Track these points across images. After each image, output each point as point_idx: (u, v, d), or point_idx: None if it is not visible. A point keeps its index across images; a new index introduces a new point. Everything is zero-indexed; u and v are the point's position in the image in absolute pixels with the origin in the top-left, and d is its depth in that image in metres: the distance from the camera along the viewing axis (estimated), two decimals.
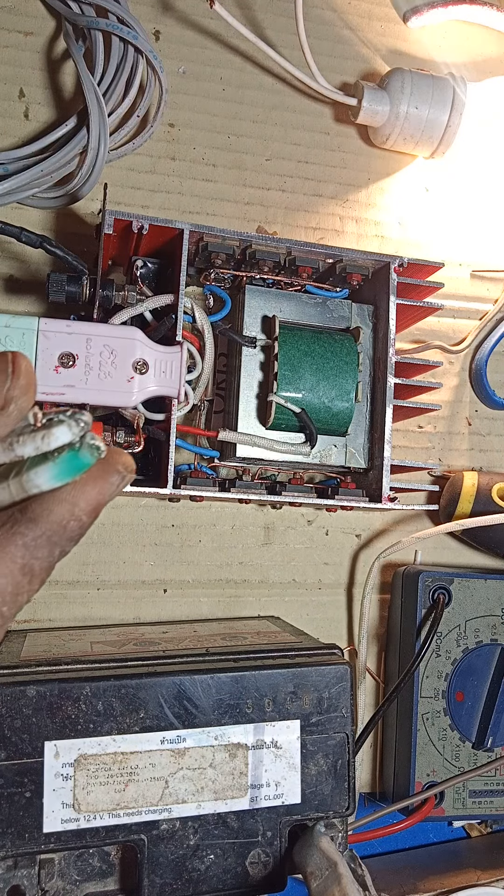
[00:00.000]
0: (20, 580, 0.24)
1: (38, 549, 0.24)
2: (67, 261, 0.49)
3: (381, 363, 0.54)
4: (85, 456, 0.24)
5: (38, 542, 0.24)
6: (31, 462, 0.24)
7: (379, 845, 0.60)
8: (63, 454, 0.24)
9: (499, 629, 0.57)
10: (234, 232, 0.51)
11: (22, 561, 0.24)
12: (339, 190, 0.63)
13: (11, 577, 0.24)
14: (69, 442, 0.24)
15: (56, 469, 0.24)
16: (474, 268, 0.65)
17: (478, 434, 0.64)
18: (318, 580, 0.60)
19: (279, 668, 0.42)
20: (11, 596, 0.24)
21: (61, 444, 0.24)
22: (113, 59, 0.55)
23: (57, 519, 0.24)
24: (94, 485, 0.24)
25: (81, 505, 0.24)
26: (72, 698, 0.39)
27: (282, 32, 0.62)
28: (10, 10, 0.57)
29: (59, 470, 0.24)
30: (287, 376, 0.51)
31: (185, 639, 0.48)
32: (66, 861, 0.38)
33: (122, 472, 0.25)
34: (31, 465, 0.24)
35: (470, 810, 0.57)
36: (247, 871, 0.41)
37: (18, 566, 0.24)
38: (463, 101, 0.59)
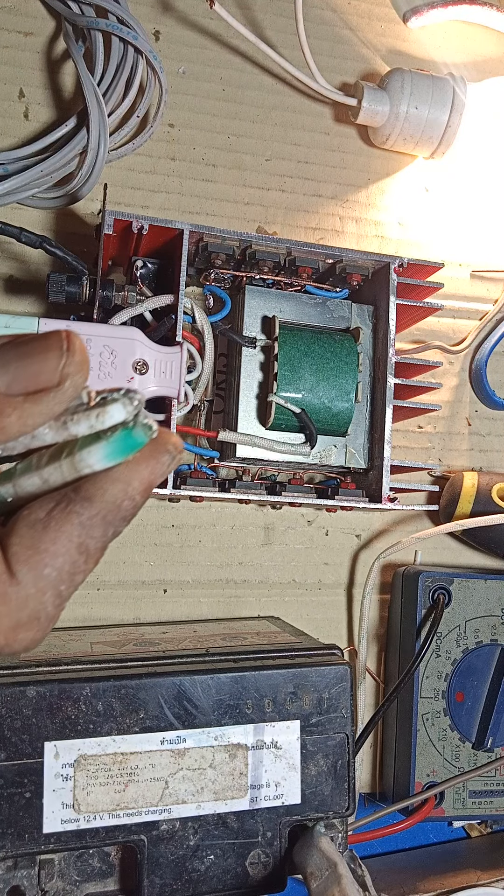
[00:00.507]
0: (77, 559, 0.24)
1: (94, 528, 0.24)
2: (67, 261, 0.49)
3: (381, 363, 0.54)
4: (139, 435, 0.24)
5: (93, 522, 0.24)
6: (82, 442, 0.24)
7: (379, 845, 0.60)
8: (116, 433, 0.24)
9: (499, 629, 0.57)
10: (234, 232, 0.51)
11: (78, 540, 0.24)
12: (339, 190, 0.63)
13: (69, 555, 0.24)
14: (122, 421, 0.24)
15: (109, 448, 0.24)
16: (474, 268, 0.65)
17: (478, 434, 0.64)
18: (318, 580, 0.60)
19: (279, 668, 0.42)
20: (69, 575, 0.24)
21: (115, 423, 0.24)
22: (113, 59, 0.55)
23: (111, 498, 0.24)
24: (146, 464, 0.24)
25: (135, 484, 0.24)
26: (72, 699, 0.39)
27: (282, 32, 0.62)
28: (10, 10, 0.57)
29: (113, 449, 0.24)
30: (287, 376, 0.51)
31: (185, 639, 0.48)
32: (66, 861, 0.38)
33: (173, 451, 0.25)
34: (82, 445, 0.24)
35: (470, 810, 0.57)
36: (247, 872, 0.41)
37: (75, 545, 0.24)
38: (463, 101, 0.59)
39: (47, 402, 0.23)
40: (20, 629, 0.24)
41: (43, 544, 0.24)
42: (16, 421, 0.23)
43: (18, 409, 0.23)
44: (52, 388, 0.23)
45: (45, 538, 0.24)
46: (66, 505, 0.24)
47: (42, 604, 0.24)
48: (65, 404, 0.24)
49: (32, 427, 0.24)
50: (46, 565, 0.24)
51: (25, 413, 0.23)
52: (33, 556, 0.24)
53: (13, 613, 0.24)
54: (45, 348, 0.23)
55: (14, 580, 0.24)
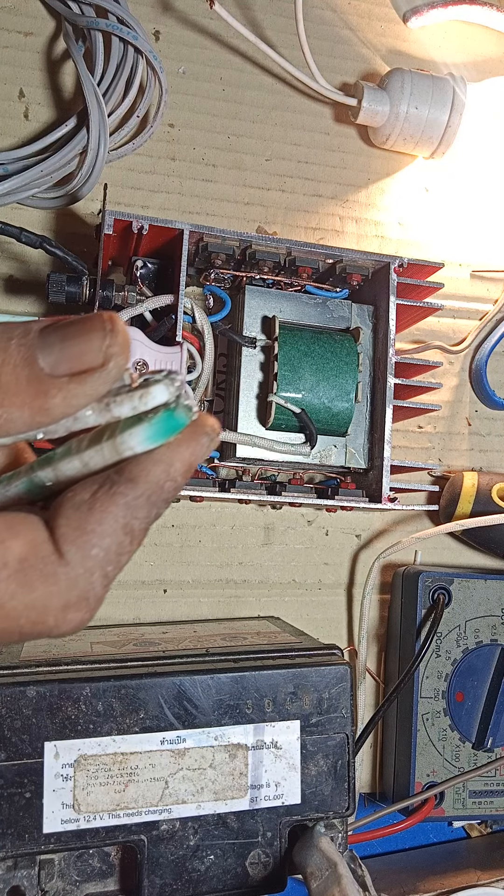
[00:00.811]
0: (122, 539, 0.24)
1: (138, 509, 0.24)
2: (67, 261, 0.49)
3: (381, 363, 0.54)
4: (181, 416, 0.24)
5: (137, 503, 0.24)
6: (124, 424, 0.24)
7: (379, 845, 0.60)
8: (159, 415, 0.24)
9: (499, 629, 0.57)
10: (234, 232, 0.51)
11: (124, 521, 0.24)
12: (339, 190, 0.63)
13: (115, 536, 0.24)
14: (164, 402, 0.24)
15: (152, 430, 0.24)
16: (474, 268, 0.65)
17: (478, 434, 0.64)
18: (318, 580, 0.60)
19: (279, 668, 0.42)
20: (115, 556, 0.24)
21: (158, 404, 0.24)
22: (113, 59, 0.55)
23: (154, 479, 0.24)
24: (186, 445, 0.24)
25: (176, 465, 0.24)
26: (72, 699, 0.39)
27: (282, 32, 0.62)
28: (10, 10, 0.57)
29: (155, 431, 0.24)
30: (287, 377, 0.51)
31: (185, 639, 0.48)
32: (66, 861, 0.38)
33: (211, 433, 0.25)
34: (124, 428, 0.24)
35: (470, 810, 0.57)
36: (247, 872, 0.41)
37: (121, 525, 0.24)
38: (463, 101, 0.59)
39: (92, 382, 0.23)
40: (70, 609, 0.24)
41: (90, 525, 0.24)
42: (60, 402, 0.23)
43: (63, 389, 0.23)
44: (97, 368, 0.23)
45: (92, 519, 0.24)
46: (110, 486, 0.24)
47: (91, 584, 0.24)
48: (108, 385, 0.24)
49: (76, 408, 0.24)
50: (94, 546, 0.24)
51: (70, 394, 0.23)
52: (81, 537, 0.24)
53: (63, 594, 0.24)
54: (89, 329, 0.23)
55: (63, 560, 0.24)
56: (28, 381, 0.23)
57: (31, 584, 0.23)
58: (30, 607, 0.24)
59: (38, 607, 0.24)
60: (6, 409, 0.23)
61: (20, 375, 0.23)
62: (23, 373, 0.23)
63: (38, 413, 0.23)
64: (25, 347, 0.23)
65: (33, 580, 0.23)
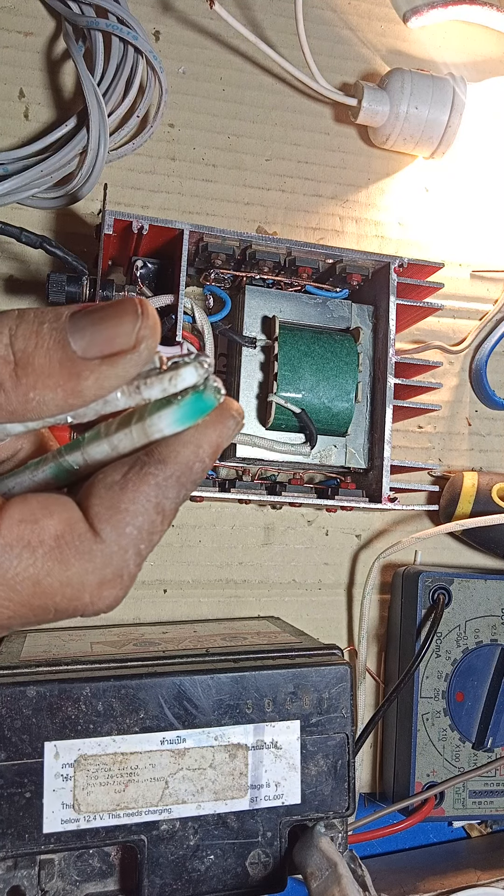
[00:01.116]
0: (154, 518, 0.25)
1: (169, 489, 0.25)
2: (67, 261, 0.49)
3: (381, 363, 0.54)
4: (209, 398, 0.24)
5: (168, 483, 0.25)
6: (152, 407, 0.24)
7: (379, 845, 0.60)
8: (187, 397, 0.24)
9: (499, 629, 0.57)
10: (234, 232, 0.51)
11: (155, 500, 0.25)
12: (339, 190, 0.63)
13: (147, 515, 0.25)
14: (193, 384, 0.24)
15: (181, 412, 0.24)
16: (474, 268, 0.65)
17: (478, 434, 0.64)
18: (318, 580, 0.60)
19: (279, 668, 0.42)
20: (148, 534, 0.25)
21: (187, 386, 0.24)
22: (113, 59, 0.55)
23: (184, 460, 0.25)
24: (214, 428, 0.25)
25: (204, 447, 0.25)
26: (72, 699, 0.39)
27: (282, 32, 0.62)
28: (10, 10, 0.57)
29: (185, 413, 0.24)
30: (287, 377, 0.51)
31: (185, 639, 0.48)
32: (66, 861, 0.38)
33: (237, 416, 0.26)
34: (153, 410, 0.24)
35: (470, 810, 0.57)
36: (247, 872, 0.41)
37: (153, 505, 0.25)
38: (463, 101, 0.59)
39: (124, 364, 0.24)
40: (105, 586, 0.25)
41: (123, 504, 0.24)
42: (92, 384, 0.24)
43: (95, 371, 0.24)
44: (128, 350, 0.24)
45: (125, 498, 0.24)
46: (140, 467, 0.24)
47: (125, 561, 0.25)
48: (139, 367, 0.24)
49: (108, 390, 0.24)
50: (128, 524, 0.24)
51: (102, 376, 0.24)
52: (115, 516, 0.24)
53: (99, 570, 0.24)
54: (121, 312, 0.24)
55: (98, 538, 0.24)
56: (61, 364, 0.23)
57: (67, 561, 0.24)
58: (66, 584, 0.24)
59: (75, 584, 0.24)
60: (39, 392, 0.23)
61: (53, 358, 0.23)
62: (55, 356, 0.23)
63: (70, 395, 0.24)
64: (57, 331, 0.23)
65: (69, 557, 0.24)
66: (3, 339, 0.23)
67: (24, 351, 0.23)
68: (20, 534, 0.24)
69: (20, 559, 0.23)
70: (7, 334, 0.23)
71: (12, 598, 0.24)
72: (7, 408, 0.24)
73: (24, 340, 0.23)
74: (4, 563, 0.23)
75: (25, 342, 0.23)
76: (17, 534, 0.24)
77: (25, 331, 0.23)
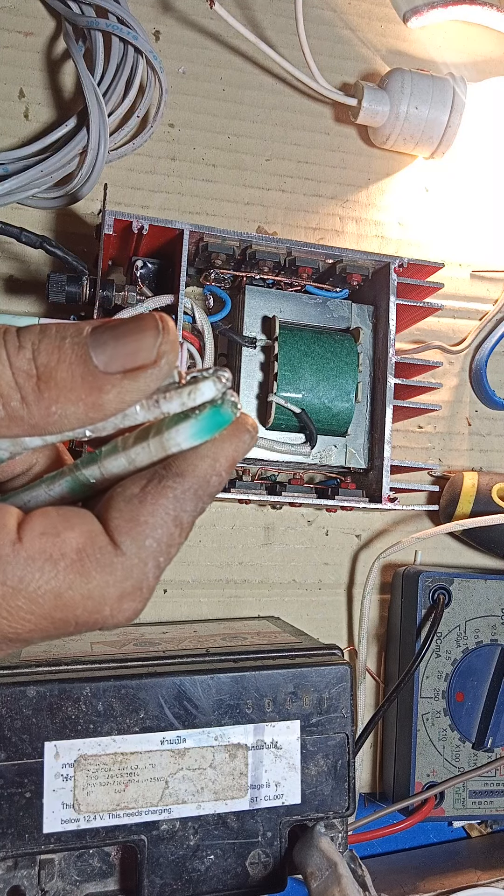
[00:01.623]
0: (173, 531, 0.25)
1: (187, 502, 0.25)
2: (67, 261, 0.49)
3: (381, 363, 0.54)
4: (227, 412, 0.25)
5: (186, 496, 0.25)
6: (169, 421, 0.25)
7: (379, 845, 0.60)
8: (205, 411, 0.24)
9: (499, 629, 0.57)
10: (234, 232, 0.51)
11: (174, 513, 0.25)
12: (339, 190, 0.63)
13: (166, 528, 0.25)
14: (210, 399, 0.25)
15: (198, 426, 0.24)
16: (474, 268, 0.65)
17: (478, 434, 0.64)
18: (318, 580, 0.60)
19: (279, 668, 0.42)
20: (166, 546, 0.25)
21: (205, 401, 0.25)
22: (113, 59, 0.55)
23: (201, 474, 0.25)
24: (230, 441, 0.25)
25: (221, 461, 0.25)
26: (72, 698, 0.39)
27: (282, 32, 0.62)
28: (10, 10, 0.57)
29: (202, 427, 0.24)
30: (287, 377, 0.51)
31: (185, 639, 0.48)
32: (66, 861, 0.38)
33: (252, 430, 0.26)
34: (170, 424, 0.25)
35: (470, 810, 0.57)
36: (247, 872, 0.41)
37: (171, 517, 0.25)
38: (463, 101, 0.59)
39: (145, 379, 0.24)
40: (125, 599, 0.25)
41: (142, 517, 0.25)
42: (114, 398, 0.24)
43: (117, 386, 0.24)
44: (150, 365, 0.24)
45: (144, 511, 0.25)
46: (159, 480, 0.25)
47: (145, 574, 0.25)
48: (160, 382, 0.25)
49: (128, 404, 0.24)
50: (147, 536, 0.25)
51: (123, 390, 0.24)
52: (135, 528, 0.25)
53: (119, 583, 0.24)
54: (142, 328, 0.24)
55: (119, 551, 0.24)
56: (83, 378, 0.24)
57: (88, 573, 0.24)
58: (87, 597, 0.24)
59: (96, 597, 0.24)
60: (61, 406, 0.24)
61: (75, 373, 0.24)
62: (77, 370, 0.24)
63: (91, 409, 0.24)
64: (79, 346, 0.24)
65: (90, 570, 0.24)
66: (25, 353, 0.24)
67: (46, 365, 0.24)
68: (42, 547, 0.24)
69: (42, 572, 0.24)
70: (30, 348, 0.24)
71: (34, 610, 0.24)
72: (29, 421, 0.24)
73: (46, 355, 0.24)
74: (26, 576, 0.23)
75: (48, 356, 0.24)
76: (39, 547, 0.24)
77: (48, 345, 0.24)
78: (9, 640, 0.24)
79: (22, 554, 0.23)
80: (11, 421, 0.24)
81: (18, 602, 0.23)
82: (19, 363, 0.23)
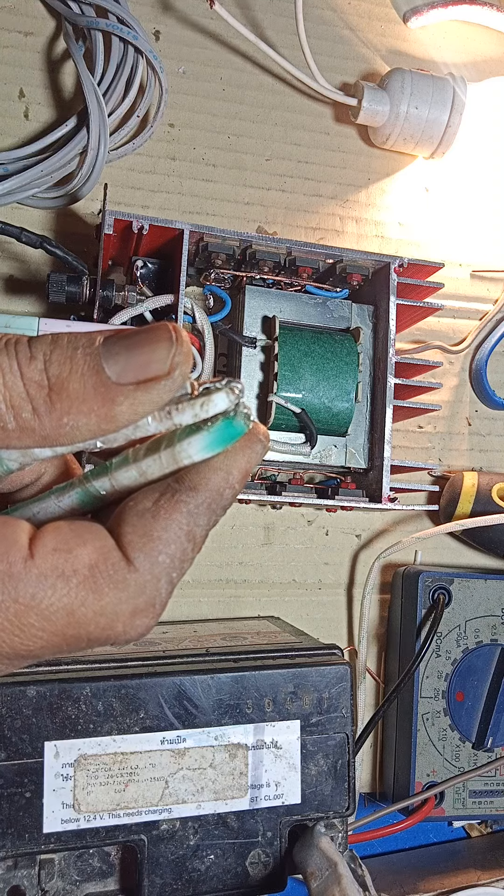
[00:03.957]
0: (186, 546, 0.25)
1: (200, 516, 0.25)
2: (67, 261, 0.49)
3: (381, 363, 0.54)
4: (239, 424, 0.24)
5: (199, 510, 0.25)
6: (182, 433, 0.24)
7: (379, 845, 0.60)
8: (218, 423, 0.24)
9: (499, 629, 0.57)
10: (234, 232, 0.51)
11: (187, 528, 0.25)
12: (339, 190, 0.63)
13: (179, 543, 0.25)
14: (223, 410, 0.24)
15: (211, 438, 0.24)
16: (474, 268, 0.65)
17: (478, 434, 0.64)
18: (318, 580, 0.60)
19: (279, 668, 0.42)
20: (179, 562, 0.25)
21: (218, 412, 0.24)
22: (113, 59, 0.55)
23: (214, 487, 0.25)
24: (243, 453, 0.25)
25: (234, 473, 0.25)
26: (72, 698, 0.39)
27: (282, 32, 0.62)
28: (10, 10, 0.57)
29: (214, 438, 0.24)
30: (287, 376, 0.51)
31: (185, 639, 0.48)
32: (66, 861, 0.38)
33: (264, 440, 0.26)
34: (182, 436, 0.24)
35: (470, 810, 0.57)
36: (247, 872, 0.41)
37: (184, 532, 0.25)
38: (463, 101, 0.59)
39: (158, 390, 0.24)
40: (138, 615, 0.24)
41: (156, 532, 0.24)
42: (126, 409, 0.24)
43: (129, 397, 0.24)
44: (163, 377, 0.24)
45: (157, 526, 0.24)
46: (171, 494, 0.24)
47: (158, 590, 0.25)
48: (172, 393, 0.24)
49: (141, 415, 0.24)
50: (160, 552, 0.24)
51: (136, 401, 0.24)
52: (148, 544, 0.24)
53: (132, 600, 0.24)
54: (155, 338, 0.24)
55: (132, 567, 0.24)
56: (95, 389, 0.23)
57: (101, 590, 0.24)
58: (100, 614, 0.24)
59: (108, 613, 0.24)
60: (73, 417, 0.23)
61: (87, 384, 0.23)
62: (90, 381, 0.23)
63: (103, 420, 0.24)
64: (92, 357, 0.23)
65: (103, 587, 0.24)
66: (37, 364, 0.23)
67: (58, 376, 0.23)
68: (54, 563, 0.24)
69: (55, 589, 0.23)
70: (42, 359, 0.23)
71: (46, 627, 0.24)
72: (40, 432, 0.24)
73: (58, 366, 0.23)
74: (38, 593, 0.23)
75: (60, 367, 0.23)
76: (52, 563, 0.23)
77: (60, 356, 0.23)
78: (21, 656, 0.24)
79: (34, 571, 0.23)
80: (22, 432, 0.23)
81: (30, 619, 0.23)
82: (31, 374, 0.23)
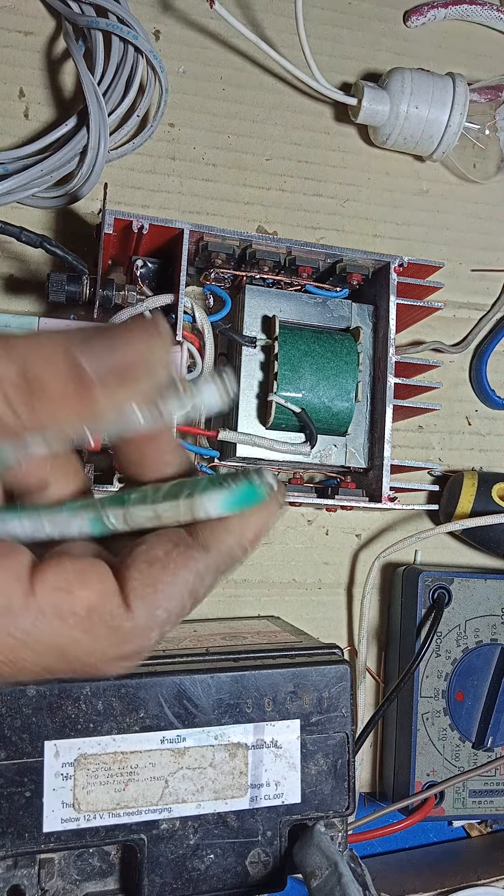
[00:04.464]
0: (186, 603, 0.25)
1: (206, 576, 0.25)
2: (67, 261, 0.49)
3: (381, 363, 0.54)
4: (261, 491, 0.25)
5: (207, 570, 0.25)
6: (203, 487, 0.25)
7: (379, 845, 0.60)
8: (240, 485, 0.24)
9: (499, 629, 0.57)
10: (234, 232, 0.51)
11: (192, 586, 0.25)
12: (339, 190, 0.63)
13: (180, 599, 0.25)
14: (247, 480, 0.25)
15: (231, 499, 0.24)
16: (474, 267, 0.65)
17: (478, 434, 0.64)
18: (318, 580, 0.60)
19: (279, 667, 0.42)
20: (175, 616, 0.25)
21: (204, 397, 0.25)
22: (113, 59, 0.55)
23: (226, 549, 0.25)
24: (259, 516, 0.25)
25: (248, 535, 0.25)
26: (72, 698, 0.39)
27: (282, 32, 0.62)
28: (10, 10, 0.57)
29: (234, 500, 0.24)
30: (287, 376, 0.51)
31: (184, 638, 0.48)
32: (66, 861, 0.38)
33: (281, 502, 0.26)
34: (203, 490, 0.24)
35: (470, 810, 0.57)
36: (247, 871, 0.41)
37: (188, 590, 0.25)
38: (463, 101, 0.59)
39: (138, 384, 0.24)
40: (122, 660, 0.25)
41: (161, 584, 0.24)
42: (108, 405, 0.23)
43: (110, 393, 0.23)
44: (143, 370, 0.24)
45: (164, 579, 0.24)
46: (184, 549, 0.24)
47: (147, 640, 0.25)
48: (154, 385, 0.24)
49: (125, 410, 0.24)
50: (160, 606, 0.24)
51: (118, 397, 0.23)
52: (151, 595, 0.24)
53: (121, 646, 0.24)
54: (133, 332, 0.24)
55: (129, 615, 0.24)
56: (75, 387, 0.23)
57: (95, 633, 0.24)
58: (89, 654, 0.24)
59: (97, 654, 0.24)
60: (54, 416, 0.23)
61: (67, 383, 0.23)
62: (69, 379, 0.23)
63: (85, 417, 0.23)
64: (69, 353, 0.23)
65: (97, 630, 0.24)
66: (14, 364, 0.23)
67: (37, 377, 0.23)
68: (54, 602, 0.23)
69: (51, 627, 0.23)
70: (20, 361, 0.23)
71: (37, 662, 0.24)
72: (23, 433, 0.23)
73: (36, 366, 0.23)
74: (34, 630, 0.23)
75: (39, 367, 0.23)
76: (52, 602, 0.23)
77: (37, 356, 0.23)
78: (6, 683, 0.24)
79: (33, 607, 0.23)
80: (4, 431, 0.23)
81: (23, 654, 0.23)
82: (8, 375, 0.23)
